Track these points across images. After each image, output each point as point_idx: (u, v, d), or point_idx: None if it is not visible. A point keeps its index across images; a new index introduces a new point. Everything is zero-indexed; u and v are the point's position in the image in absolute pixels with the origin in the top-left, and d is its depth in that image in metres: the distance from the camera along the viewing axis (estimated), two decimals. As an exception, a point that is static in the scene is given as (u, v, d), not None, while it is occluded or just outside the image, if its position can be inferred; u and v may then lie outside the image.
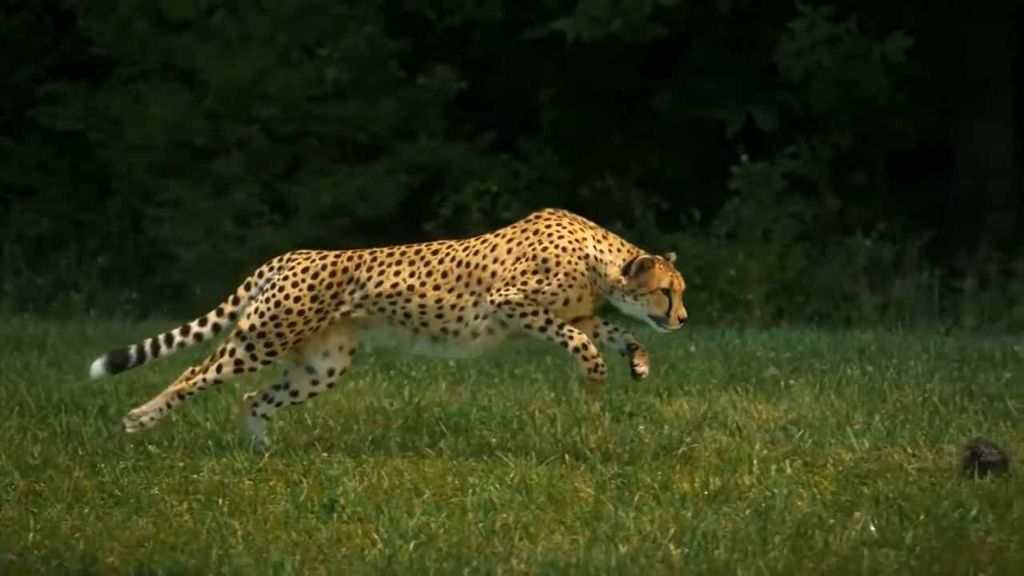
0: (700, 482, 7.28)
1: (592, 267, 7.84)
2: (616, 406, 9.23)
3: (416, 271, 7.93)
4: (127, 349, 8.19)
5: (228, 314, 8.15)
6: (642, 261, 7.78)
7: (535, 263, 7.82)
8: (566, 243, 7.83)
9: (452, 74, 19.83)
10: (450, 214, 19.34)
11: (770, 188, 19.11)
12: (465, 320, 7.91)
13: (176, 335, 8.17)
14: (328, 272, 8.01)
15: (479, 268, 7.90)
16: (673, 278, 7.83)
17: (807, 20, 18.26)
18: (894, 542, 6.22)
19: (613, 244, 7.90)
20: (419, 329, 7.97)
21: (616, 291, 7.83)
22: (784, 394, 9.81)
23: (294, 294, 7.95)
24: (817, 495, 7.07)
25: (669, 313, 7.82)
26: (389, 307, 7.94)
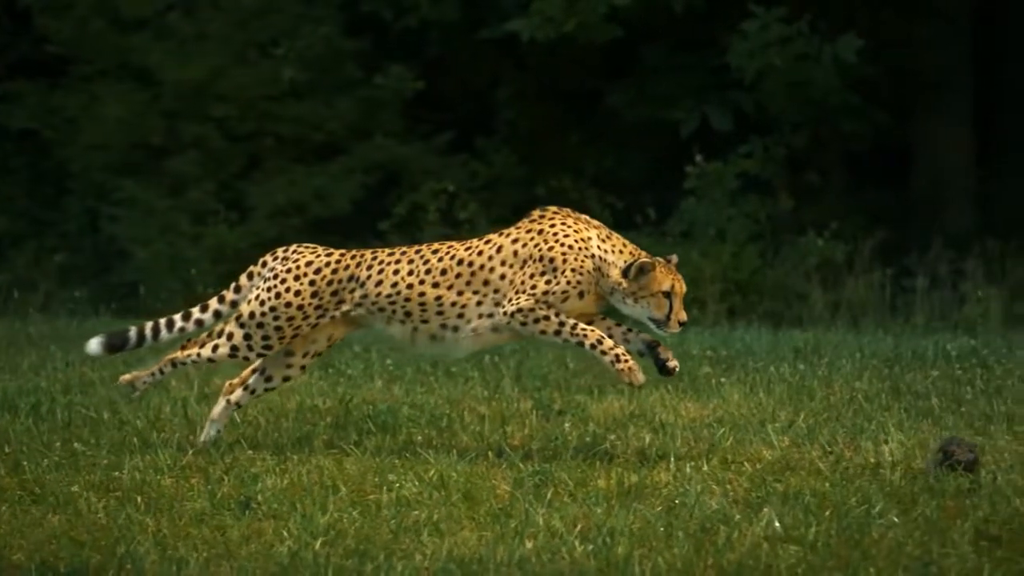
0: (616, 479, 7.37)
1: (596, 266, 7.84)
2: (545, 404, 9.32)
3: (415, 269, 7.95)
4: (127, 331, 8.22)
5: (229, 302, 8.23)
6: (642, 264, 7.78)
7: (542, 264, 7.82)
8: (571, 241, 7.84)
9: (409, 74, 19.91)
10: (406, 213, 19.44)
11: (724, 188, 19.22)
12: (467, 318, 7.91)
13: (177, 320, 8.23)
14: (331, 269, 8.05)
15: (485, 269, 7.90)
16: (674, 281, 7.83)
17: (759, 21, 18.37)
18: (797, 538, 6.31)
19: (616, 244, 7.91)
20: (419, 327, 7.98)
21: (617, 292, 7.84)
22: (714, 392, 9.91)
23: (295, 287, 8.00)
24: (730, 491, 7.17)
25: (669, 316, 7.83)
26: (389, 307, 7.96)
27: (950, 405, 9.23)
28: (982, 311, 18.08)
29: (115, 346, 8.19)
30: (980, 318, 17.92)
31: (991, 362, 10.79)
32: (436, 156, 20.08)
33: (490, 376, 10.56)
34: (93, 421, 8.74)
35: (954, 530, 6.37)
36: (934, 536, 6.29)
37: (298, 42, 19.60)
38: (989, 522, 6.44)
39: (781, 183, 19.59)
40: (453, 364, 10.91)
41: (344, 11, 20.02)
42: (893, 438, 8.21)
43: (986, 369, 10.51)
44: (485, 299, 7.91)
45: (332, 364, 11.01)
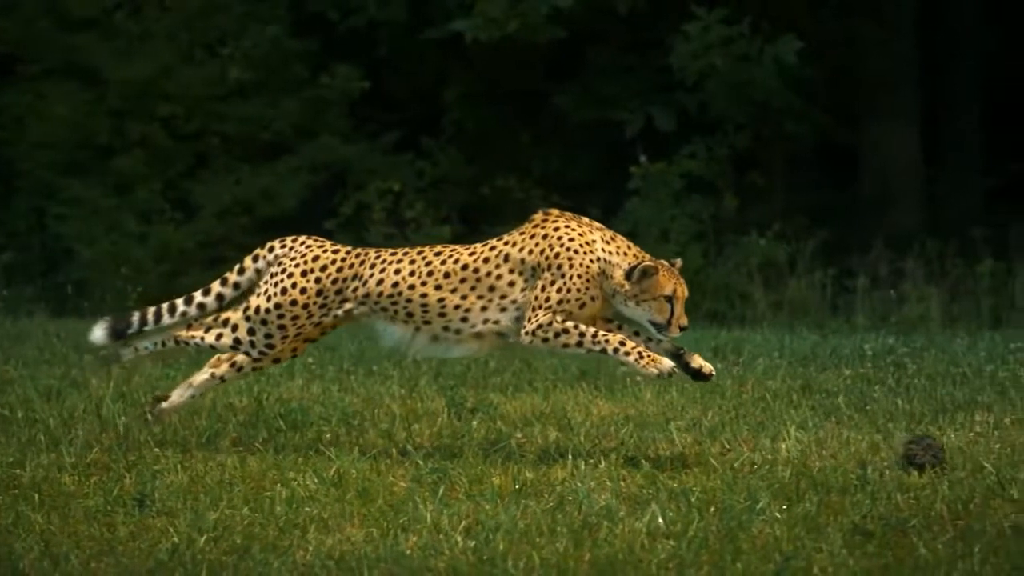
0: (512, 477, 7.47)
1: (601, 269, 7.81)
2: (458, 402, 9.42)
3: (416, 270, 7.95)
4: (129, 315, 8.25)
5: (232, 284, 8.21)
6: (645, 267, 7.75)
7: (550, 273, 7.81)
8: (576, 245, 7.80)
9: (355, 74, 20.00)
10: (352, 212, 19.54)
11: (668, 188, 19.37)
12: (471, 321, 7.90)
13: (179, 304, 8.24)
14: (336, 267, 8.02)
15: (491, 276, 7.89)
16: (676, 285, 7.81)
17: (701, 23, 18.52)
18: (676, 533, 6.42)
19: (620, 247, 7.88)
20: (420, 328, 7.98)
21: (618, 295, 7.80)
22: (628, 391, 10.02)
23: (301, 284, 7.98)
24: (622, 488, 7.27)
25: (671, 320, 7.80)
26: (391, 306, 7.96)
27: (857, 403, 9.36)
28: (922, 311, 18.25)
29: (118, 331, 8.22)
30: (920, 318, 18.09)
31: (906, 361, 10.92)
32: (383, 156, 20.20)
33: (409, 375, 10.65)
34: (5, 419, 8.80)
35: (832, 526, 6.49)
36: (811, 532, 6.41)
37: (244, 42, 19.70)
38: (866, 517, 6.55)
39: (725, 183, 19.74)
40: (374, 363, 11.00)
41: (291, 11, 20.11)
42: (791, 436, 8.33)
43: (900, 368, 10.64)
44: (490, 304, 7.91)
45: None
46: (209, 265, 19.44)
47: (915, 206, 21.65)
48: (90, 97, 19.47)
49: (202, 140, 19.82)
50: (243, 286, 8.21)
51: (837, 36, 20.20)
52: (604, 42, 19.98)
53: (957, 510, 6.70)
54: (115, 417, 8.84)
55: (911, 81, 21.44)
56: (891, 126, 21.41)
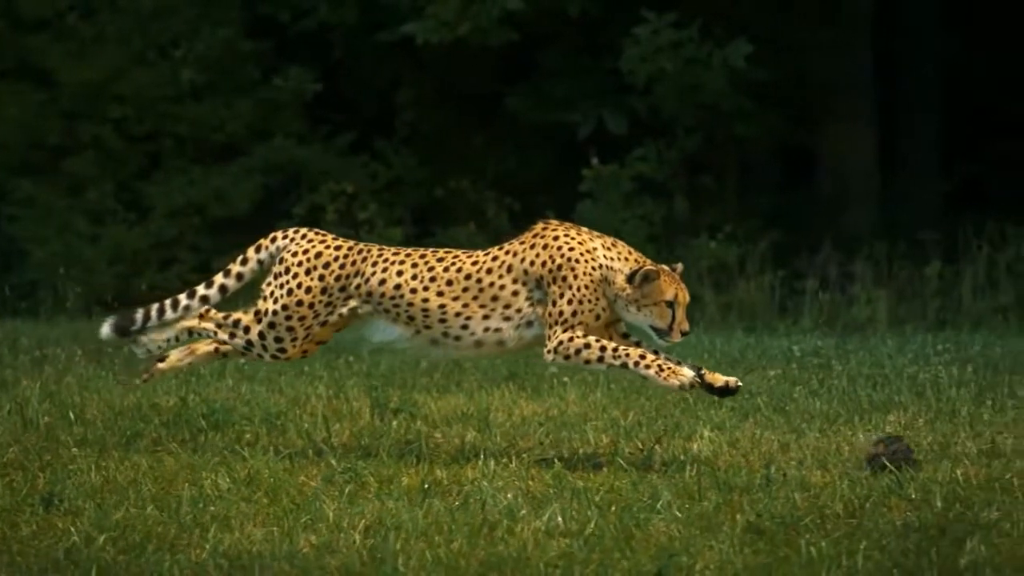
0: (423, 476, 7.55)
1: (604, 276, 7.81)
2: (382, 403, 9.49)
3: (419, 274, 7.94)
4: (133, 312, 8.25)
5: (235, 275, 8.21)
6: (647, 271, 7.75)
7: (557, 286, 7.80)
8: (577, 255, 7.81)
9: (307, 76, 20.07)
10: (305, 214, 19.59)
11: (620, 190, 19.48)
12: (471, 329, 7.90)
13: (182, 299, 8.25)
14: (338, 264, 8.01)
15: (495, 286, 7.87)
16: (678, 290, 7.81)
17: (651, 26, 18.61)
18: (574, 532, 6.51)
19: (621, 252, 7.88)
20: (421, 331, 7.97)
21: (620, 299, 7.79)
22: (554, 392, 10.10)
23: (306, 283, 7.98)
24: (530, 487, 7.35)
25: (672, 326, 7.80)
26: (393, 308, 7.95)
27: (776, 404, 9.46)
28: (869, 313, 18.38)
29: (123, 328, 8.22)
30: (868, 320, 18.22)
31: (832, 363, 11.03)
32: (336, 157, 20.26)
33: (339, 375, 10.72)
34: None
35: (728, 524, 6.57)
36: (707, 530, 6.49)
37: (197, 44, 19.74)
38: (761, 516, 6.64)
39: (676, 186, 19.85)
40: (305, 364, 11.07)
41: (243, 13, 20.17)
42: (704, 436, 8.42)
43: (825, 370, 10.75)
44: (493, 313, 7.90)
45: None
46: (162, 266, 19.51)
47: (871, 209, 21.78)
48: (42, 98, 19.50)
49: (155, 141, 19.87)
50: (246, 277, 8.23)
51: (790, 40, 20.31)
52: (556, 45, 20.08)
53: (853, 509, 6.79)
54: (39, 417, 8.90)
55: (867, 84, 21.58)
56: (847, 129, 21.54)
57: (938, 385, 9.89)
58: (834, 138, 21.56)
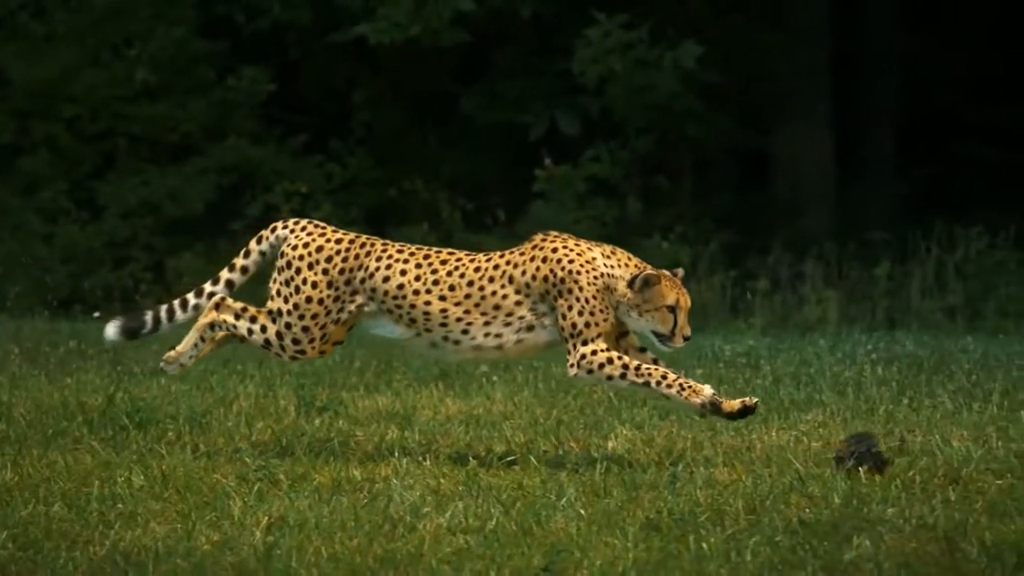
0: (336, 474, 7.62)
1: (606, 284, 7.81)
2: (308, 401, 9.56)
3: (422, 275, 7.94)
4: (142, 314, 8.24)
5: (240, 268, 8.20)
6: (647, 276, 7.76)
7: (563, 299, 7.80)
8: (577, 266, 7.79)
9: (261, 76, 20.13)
10: (259, 214, 19.64)
11: (572, 191, 19.58)
12: (472, 334, 7.92)
13: (191, 298, 8.24)
14: (341, 257, 8.01)
15: (497, 295, 7.87)
16: (679, 295, 7.81)
17: (602, 28, 18.72)
18: (475, 528, 6.58)
19: (621, 259, 7.89)
20: (422, 333, 7.99)
21: (622, 305, 7.80)
22: (482, 391, 10.18)
23: (311, 278, 7.98)
24: (441, 485, 7.43)
25: (674, 331, 7.81)
26: (396, 308, 7.96)
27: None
28: (820, 313, 18.50)
29: (132, 330, 8.22)
30: (818, 320, 18.34)
31: (762, 362, 11.12)
32: (291, 157, 20.32)
33: (269, 374, 10.78)
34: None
35: (628, 520, 6.66)
36: (606, 526, 6.57)
37: (151, 44, 19.78)
38: (660, 512, 6.73)
39: (632, 186, 19.95)
40: (238, 363, 11.13)
41: (198, 13, 20.22)
42: (620, 434, 8.51)
43: (753, 369, 10.84)
44: (494, 320, 7.91)
45: (120, 361, 11.22)
46: (115, 265, 19.54)
47: (827, 210, 21.91)
48: (-5, 97, 19.57)
49: (108, 141, 19.91)
50: (251, 269, 8.23)
51: (741, 42, 20.43)
52: (509, 46, 20.17)
53: (753, 505, 6.88)
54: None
55: (824, 86, 21.70)
56: (803, 130, 21.66)
57: (860, 384, 9.99)
58: (790, 140, 21.68)
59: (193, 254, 19.26)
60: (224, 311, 8.14)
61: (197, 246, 19.34)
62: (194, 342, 8.16)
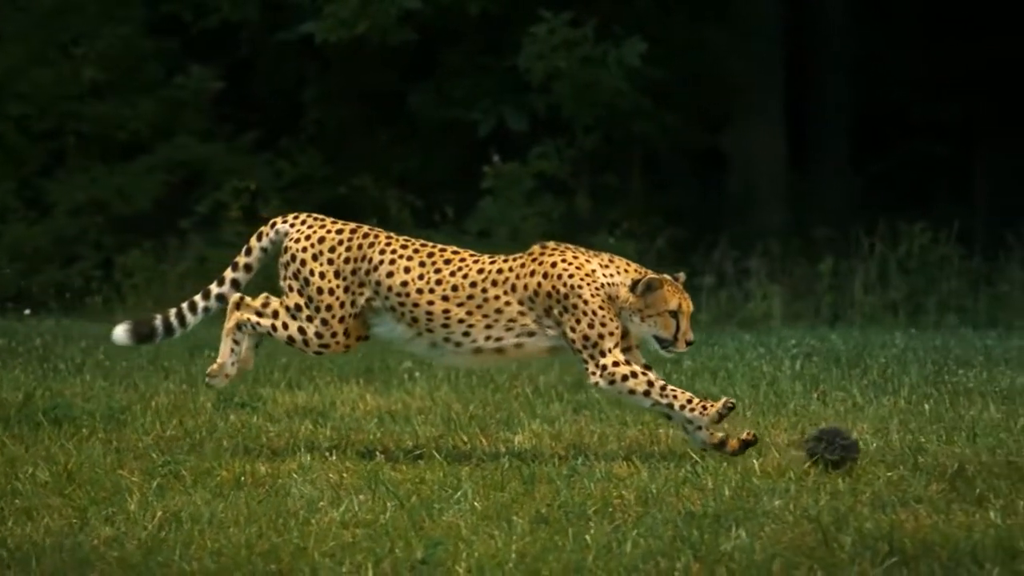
0: (241, 469, 7.69)
1: (608, 294, 7.81)
2: (227, 397, 9.63)
3: (425, 274, 7.93)
4: (152, 319, 8.20)
5: (243, 266, 8.18)
6: (650, 280, 7.77)
7: (569, 315, 7.78)
8: (577, 281, 7.78)
9: (209, 74, 20.19)
10: (207, 211, 19.71)
11: (520, 188, 19.68)
12: (473, 336, 7.91)
13: (199, 301, 8.21)
14: (344, 247, 7.99)
15: (500, 300, 7.86)
16: (681, 300, 7.80)
17: (548, 25, 18.82)
18: (368, 521, 6.66)
19: (619, 266, 7.90)
20: (423, 333, 7.97)
21: (624, 311, 7.80)
22: (403, 387, 10.26)
23: (317, 269, 7.96)
24: (344, 479, 7.50)
25: (677, 336, 7.80)
26: (399, 307, 7.95)
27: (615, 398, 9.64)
28: (765, 309, 18.63)
29: (142, 335, 8.19)
30: (763, 316, 18.47)
31: (684, 357, 11.21)
32: (241, 155, 20.38)
33: (195, 370, 10.85)
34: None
35: (520, 514, 6.74)
36: (497, 519, 6.65)
37: (98, 42, 19.82)
38: (551, 505, 6.82)
39: (578, 183, 20.06)
40: (164, 360, 11.20)
41: (146, 11, 20.27)
42: (528, 429, 8.60)
43: (674, 364, 10.92)
44: (496, 324, 7.90)
45: (48, 358, 11.28)
46: (64, 263, 19.57)
47: (780, 206, 22.03)
48: (-58, 96, 19.59)
49: (57, 139, 19.96)
50: (254, 267, 8.21)
51: (689, 39, 20.55)
52: (458, 43, 20.26)
53: (646, 497, 6.97)
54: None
55: (776, 83, 21.82)
56: (756, 127, 21.78)
57: (776, 378, 10.10)
58: (743, 137, 21.80)
59: (142, 252, 19.30)
60: (245, 310, 8.12)
61: (146, 244, 19.38)
62: (230, 348, 8.10)
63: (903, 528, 6.29)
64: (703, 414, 7.68)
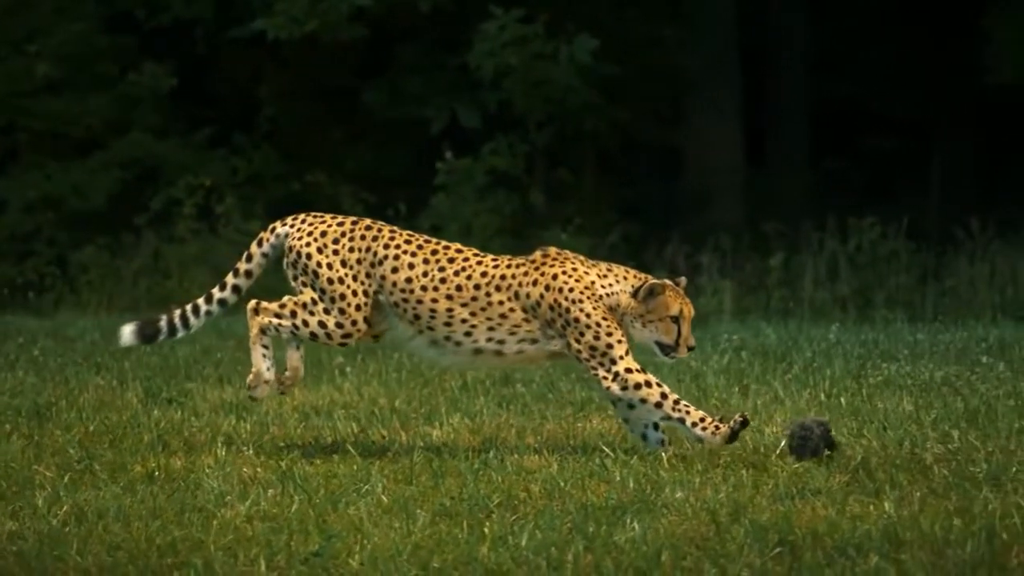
0: (157, 464, 7.75)
1: (608, 304, 7.81)
2: (154, 392, 9.68)
3: (430, 271, 7.92)
4: (157, 320, 8.22)
5: (244, 272, 8.18)
6: (651, 286, 7.75)
7: (572, 328, 7.78)
8: (577, 294, 7.79)
9: (163, 71, 20.22)
10: (162, 208, 19.73)
11: (473, 184, 19.75)
12: (474, 337, 7.91)
13: (202, 304, 8.22)
14: (347, 239, 7.98)
15: (504, 306, 7.87)
16: (683, 305, 7.80)
17: (498, 21, 18.89)
18: (274, 515, 6.72)
19: (618, 274, 7.89)
20: (424, 331, 7.95)
21: (626, 316, 7.79)
22: (333, 382, 10.32)
23: (324, 261, 7.95)
24: (258, 473, 7.56)
25: (678, 341, 7.80)
26: (402, 303, 7.93)
27: (538, 393, 9.72)
28: (716, 304, 18.71)
29: (148, 335, 8.21)
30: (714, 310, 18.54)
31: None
32: (195, 152, 20.41)
33: (129, 365, 10.89)
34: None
35: (423, 507, 6.80)
36: (400, 512, 6.71)
37: (52, 39, 19.83)
38: (454, 499, 6.88)
39: (530, 179, 20.14)
40: (97, 355, 11.24)
41: (101, 8, 20.29)
42: (449, 423, 8.67)
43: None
44: (499, 328, 7.90)
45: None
46: (18, 260, 19.58)
47: (736, 201, 22.14)
48: None
49: (10, 136, 19.97)
50: (255, 272, 8.21)
51: (641, 36, 20.64)
52: (411, 40, 20.32)
53: (551, 490, 7.04)
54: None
55: (732, 78, 21.92)
56: (712, 123, 21.88)
57: (701, 373, 10.17)
58: (699, 132, 21.90)
59: (96, 248, 19.33)
60: (264, 314, 8.09)
61: (100, 240, 19.40)
62: (261, 355, 8.08)
63: (798, 519, 6.37)
64: (715, 434, 7.63)
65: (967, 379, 9.56)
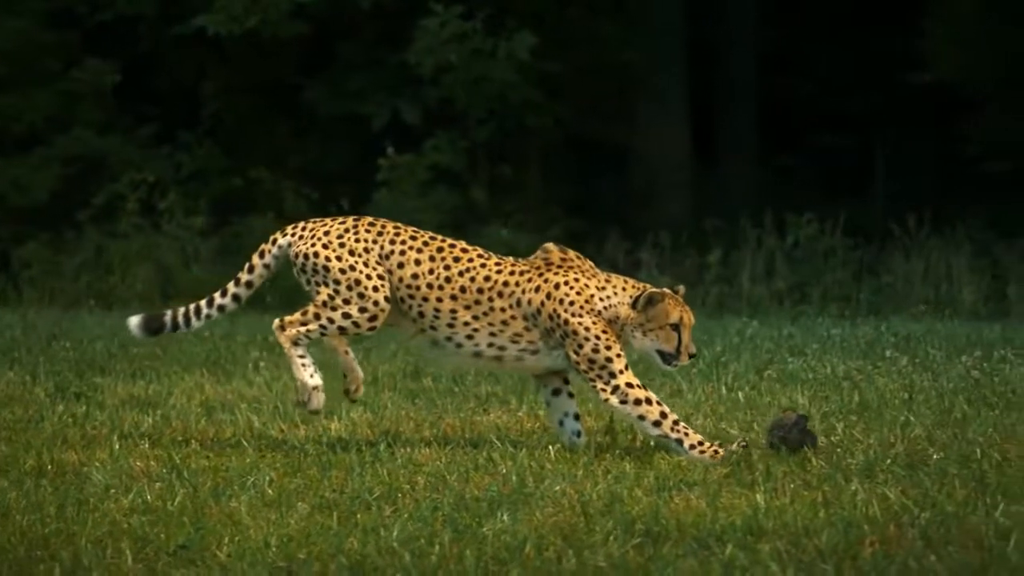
0: (50, 457, 7.79)
1: (607, 317, 7.79)
2: (63, 387, 9.72)
3: (435, 269, 7.88)
4: (163, 315, 8.25)
5: (245, 282, 8.17)
6: (650, 295, 7.76)
7: (571, 339, 7.76)
8: (577, 308, 7.78)
9: (106, 67, 20.24)
10: (104, 204, 19.75)
11: (415, 180, 19.83)
12: (476, 340, 7.89)
13: (203, 306, 8.22)
14: (352, 233, 7.96)
15: (505, 313, 7.86)
16: (683, 312, 7.79)
17: (438, 18, 18.96)
18: (157, 508, 6.77)
19: (616, 285, 7.86)
20: (426, 330, 7.93)
21: (626, 326, 7.79)
22: (245, 376, 10.38)
23: (333, 255, 7.91)
24: (151, 466, 7.61)
25: (679, 349, 7.78)
26: (408, 299, 7.91)
27: (447, 388, 9.79)
28: (654, 299, 18.80)
29: (152, 328, 8.24)
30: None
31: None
32: (138, 148, 20.44)
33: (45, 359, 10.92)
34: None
35: (308, 499, 6.87)
36: (281, 506, 6.78)
37: (-8, 35, 19.86)
38: (336, 491, 6.95)
39: (472, 175, 20.22)
40: (15, 351, 11.28)
41: (43, 4, 20.30)
42: (348, 417, 8.74)
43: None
44: (500, 335, 7.88)
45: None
46: (-41, 255, 19.61)
47: (682, 198, 22.23)
48: None
49: (-48, 132, 19.99)
50: (255, 283, 8.20)
51: (583, 32, 20.74)
52: (353, 37, 20.39)
53: (434, 482, 7.11)
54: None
55: (679, 75, 22.01)
56: (658, 119, 21.96)
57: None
58: (645, 128, 21.99)
59: (39, 244, 19.34)
60: (290, 326, 8.04)
61: (43, 236, 19.41)
62: (300, 365, 8.02)
63: (667, 510, 6.46)
64: (714, 458, 7.54)
65: (868, 373, 9.66)
